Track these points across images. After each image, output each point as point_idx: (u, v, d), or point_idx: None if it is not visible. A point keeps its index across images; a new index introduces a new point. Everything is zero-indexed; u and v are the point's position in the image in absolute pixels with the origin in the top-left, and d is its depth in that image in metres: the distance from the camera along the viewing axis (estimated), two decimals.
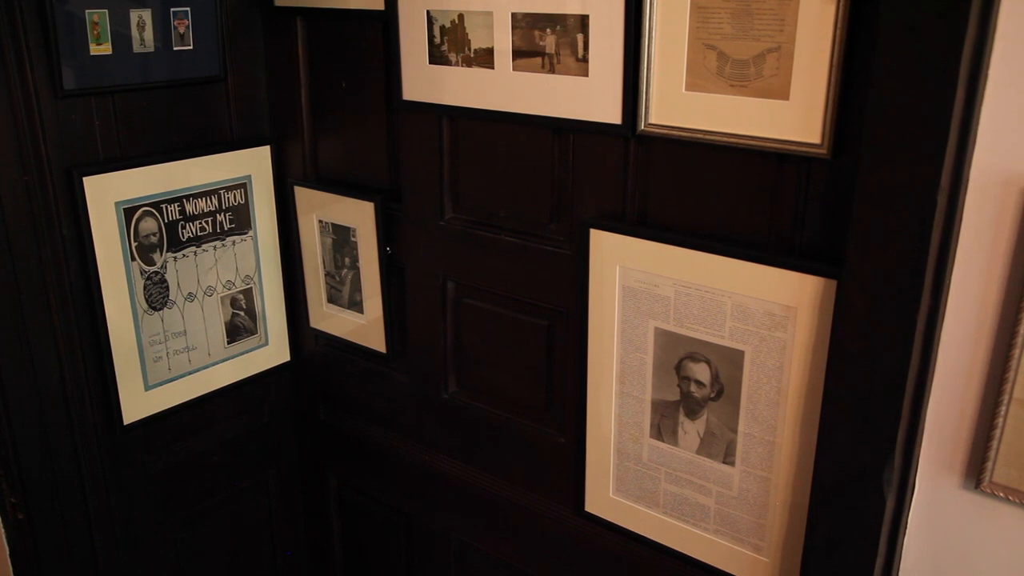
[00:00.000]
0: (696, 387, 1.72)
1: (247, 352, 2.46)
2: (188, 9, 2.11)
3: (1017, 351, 1.31)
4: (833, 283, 1.48)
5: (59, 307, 2.04)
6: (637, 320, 1.76)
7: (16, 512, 2.09)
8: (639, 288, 1.74)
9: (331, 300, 2.42)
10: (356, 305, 2.34)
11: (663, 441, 1.81)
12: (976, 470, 1.40)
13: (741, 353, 1.64)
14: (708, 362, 1.69)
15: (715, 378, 1.69)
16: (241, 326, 2.43)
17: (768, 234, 1.58)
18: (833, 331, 1.47)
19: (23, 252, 1.96)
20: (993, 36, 1.25)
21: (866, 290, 1.37)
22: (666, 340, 1.74)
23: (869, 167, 1.32)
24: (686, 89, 1.58)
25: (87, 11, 1.93)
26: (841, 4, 1.38)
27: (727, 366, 1.67)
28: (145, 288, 2.18)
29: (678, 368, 1.74)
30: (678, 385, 1.75)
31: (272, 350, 2.53)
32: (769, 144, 1.50)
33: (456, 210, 2.06)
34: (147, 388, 2.24)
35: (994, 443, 1.36)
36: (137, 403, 2.22)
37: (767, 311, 1.58)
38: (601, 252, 1.77)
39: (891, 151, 1.29)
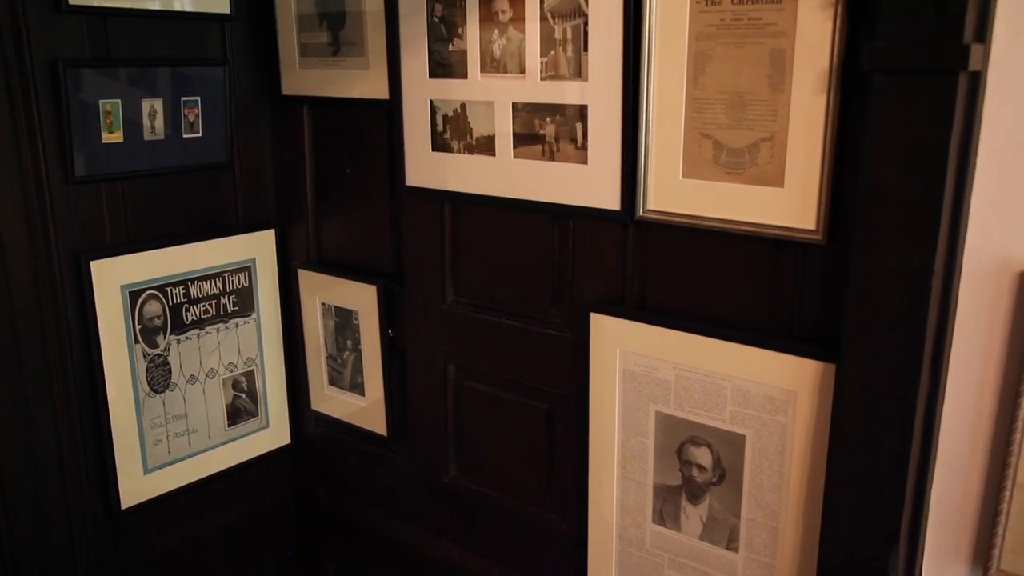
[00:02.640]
0: (698, 471, 1.71)
1: (247, 435, 2.45)
2: (198, 98, 2.17)
3: (1018, 435, 1.31)
4: (832, 367, 1.48)
5: (61, 390, 2.05)
6: (638, 404, 1.76)
7: None
8: (639, 372, 1.75)
9: (332, 382, 2.42)
10: (357, 387, 2.35)
11: (665, 526, 1.79)
12: (983, 557, 1.38)
13: (742, 437, 1.63)
14: (709, 446, 1.69)
15: (717, 462, 1.68)
16: (242, 408, 2.43)
17: (767, 318, 1.60)
18: (833, 415, 1.47)
19: (27, 335, 1.98)
20: (980, 125, 1.28)
21: (865, 374, 1.38)
22: (667, 424, 1.73)
23: (863, 253, 1.34)
24: (683, 176, 1.61)
25: (101, 101, 1.99)
26: (831, 95, 1.42)
27: (728, 450, 1.66)
28: (147, 371, 2.19)
29: (679, 452, 1.73)
30: (680, 469, 1.74)
31: (272, 432, 2.52)
32: (766, 230, 1.53)
33: (457, 293, 2.08)
34: (146, 472, 2.22)
35: (1000, 529, 1.34)
36: (136, 487, 2.21)
37: (767, 395, 1.58)
38: (601, 336, 1.78)
39: (884, 237, 1.31)
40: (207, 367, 2.32)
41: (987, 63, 1.26)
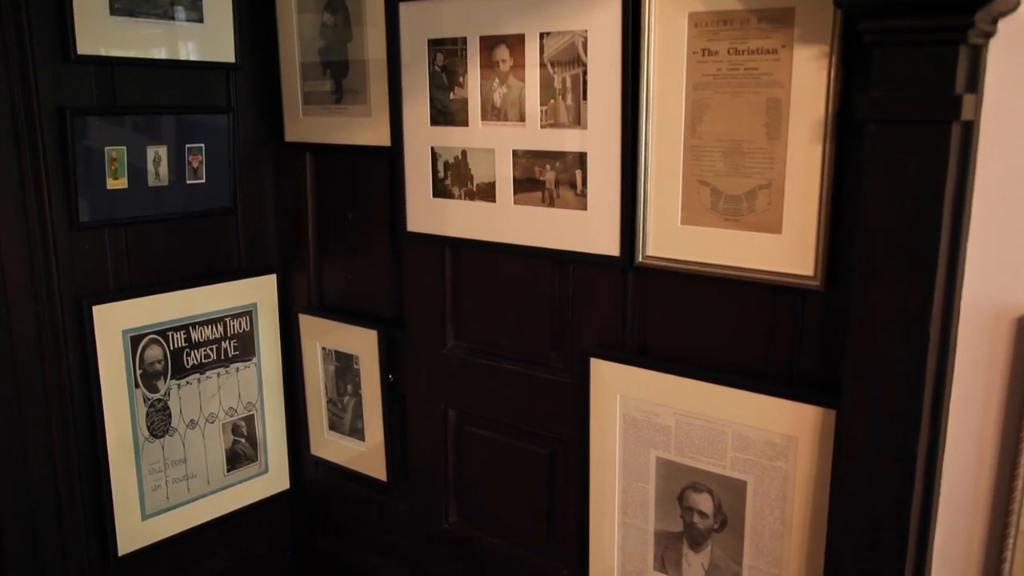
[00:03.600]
0: (699, 518, 1.70)
1: (247, 480, 2.44)
2: (202, 145, 2.20)
3: (1020, 482, 1.31)
4: (832, 413, 1.49)
5: (60, 435, 2.04)
6: (638, 449, 1.76)
7: None
8: (640, 417, 1.75)
9: (332, 427, 2.41)
10: (357, 432, 2.34)
11: (667, 574, 1.77)
12: None
13: (743, 483, 1.63)
14: (711, 492, 1.68)
15: (718, 509, 1.67)
16: (242, 453, 2.42)
17: (766, 363, 1.60)
18: (834, 462, 1.47)
19: (28, 380, 1.98)
20: (974, 173, 1.30)
21: (865, 420, 1.37)
22: (668, 470, 1.73)
23: (861, 299, 1.34)
24: (682, 223, 1.63)
25: (107, 148, 2.01)
26: (827, 143, 1.44)
27: (730, 496, 1.65)
28: (147, 416, 2.18)
29: (680, 498, 1.72)
30: (681, 516, 1.73)
31: (272, 478, 2.50)
32: (764, 276, 1.54)
33: (458, 338, 2.09)
34: (144, 518, 2.21)
35: None
36: (133, 533, 2.19)
37: (768, 441, 1.58)
38: (602, 381, 1.79)
39: (882, 283, 1.32)
40: (207, 412, 2.32)
41: (980, 113, 1.28)
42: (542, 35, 1.74)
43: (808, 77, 1.44)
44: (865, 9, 1.24)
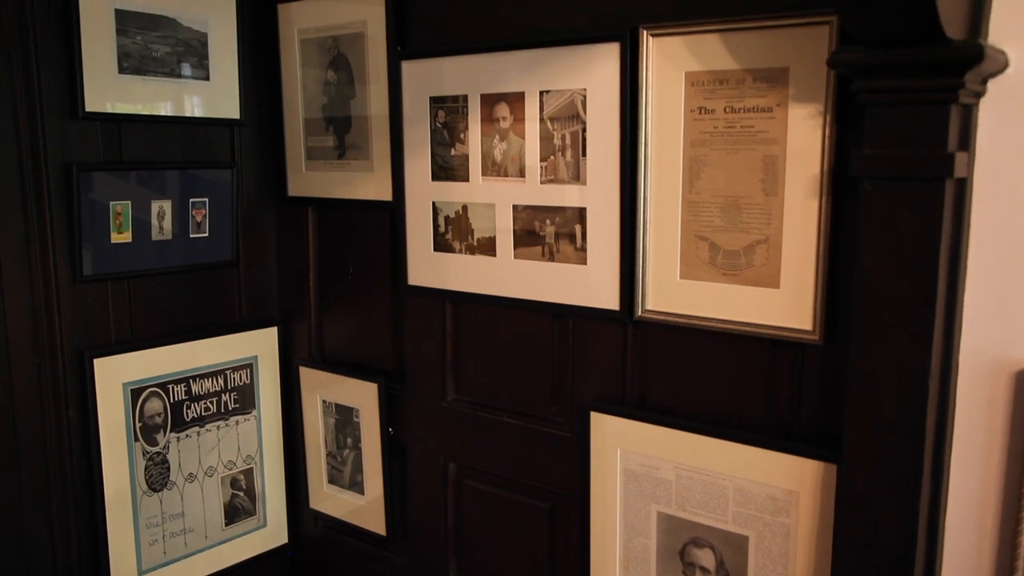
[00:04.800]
0: (701, 574, 1.69)
1: (245, 534, 2.42)
2: (206, 199, 2.22)
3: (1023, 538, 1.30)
4: (833, 467, 1.48)
5: (58, 488, 2.03)
6: (639, 504, 1.75)
7: None
8: (640, 471, 1.74)
9: (332, 480, 2.40)
10: (357, 486, 2.33)
11: None
12: None
13: (745, 539, 1.62)
14: (712, 548, 1.67)
15: (720, 564, 1.66)
16: (240, 507, 2.40)
17: (766, 417, 1.60)
18: (836, 517, 1.46)
19: (27, 432, 1.98)
20: (969, 229, 1.32)
21: (866, 476, 1.37)
22: (669, 524, 1.72)
23: (859, 354, 1.35)
24: (680, 277, 1.64)
25: (112, 202, 2.04)
26: (823, 199, 1.46)
27: (732, 552, 1.64)
28: (146, 469, 2.17)
29: (682, 554, 1.71)
30: (683, 572, 1.71)
31: (270, 532, 2.48)
32: (763, 330, 1.55)
33: (458, 391, 2.09)
34: (140, 573, 2.18)
35: None
36: None
37: (769, 495, 1.58)
38: (602, 435, 1.78)
39: (880, 338, 1.33)
40: (206, 465, 2.31)
41: (972, 170, 1.30)
42: (542, 93, 1.78)
43: (803, 135, 1.47)
44: (857, 70, 1.27)
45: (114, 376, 2.09)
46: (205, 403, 2.29)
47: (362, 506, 2.32)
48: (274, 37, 2.30)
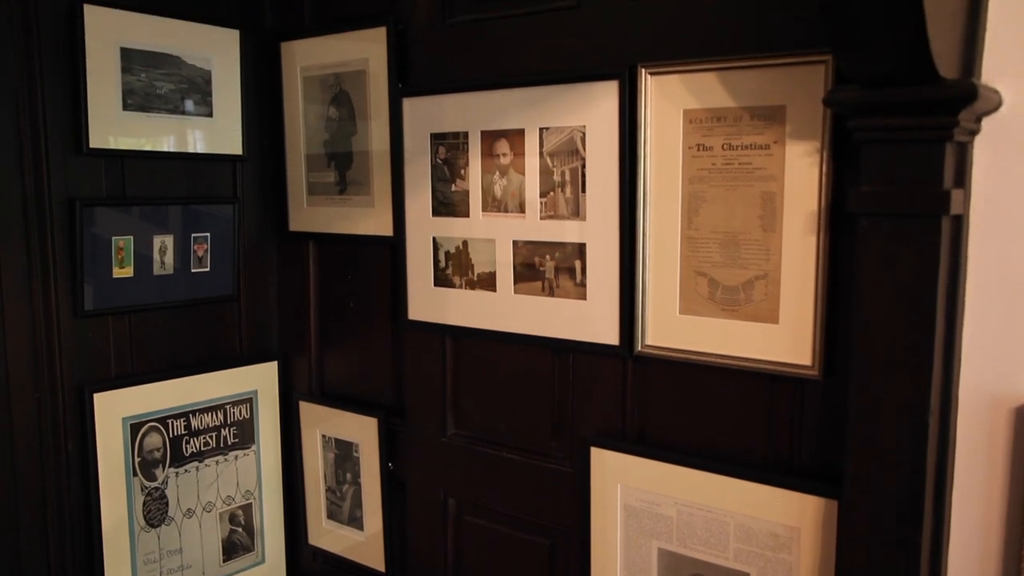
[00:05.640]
0: None
1: (243, 570, 2.40)
2: (208, 234, 2.23)
3: None
4: (834, 503, 1.48)
5: (55, 523, 2.02)
6: (640, 540, 1.74)
7: None
8: (641, 507, 1.73)
9: (331, 516, 2.39)
10: (356, 521, 2.31)
11: None
12: None
13: (746, 575, 1.61)
14: None
15: None
16: (238, 543, 2.39)
17: (767, 453, 1.60)
18: (838, 553, 1.45)
19: (26, 467, 1.97)
20: (966, 264, 1.33)
21: (867, 512, 1.37)
22: (670, 561, 1.71)
23: (859, 390, 1.35)
24: (680, 313, 1.65)
25: (114, 237, 2.05)
26: (821, 235, 1.47)
27: None
28: (144, 504, 2.16)
29: None
30: None
31: (268, 568, 2.46)
32: (762, 366, 1.55)
33: (458, 426, 2.09)
34: None
35: None
36: None
37: (770, 532, 1.57)
38: (602, 470, 1.78)
39: (879, 375, 1.33)
40: (204, 500, 2.30)
41: (968, 206, 1.32)
42: (542, 130, 1.80)
43: (801, 171, 1.48)
44: (853, 108, 1.29)
45: (114, 411, 2.09)
46: (204, 438, 2.28)
47: (361, 542, 2.31)
48: (277, 74, 2.33)
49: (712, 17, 1.57)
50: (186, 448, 2.24)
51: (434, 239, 2.02)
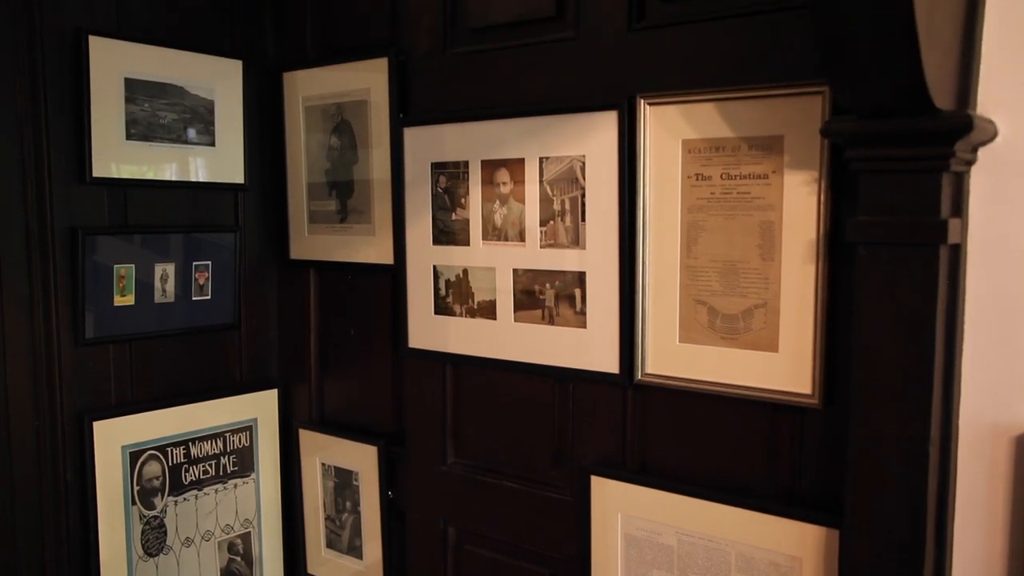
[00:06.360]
0: None
1: None
2: (209, 262, 2.24)
3: None
4: (835, 532, 1.47)
5: (52, 552, 2.01)
6: (641, 570, 1.73)
7: None
8: (641, 537, 1.73)
9: (330, 545, 2.38)
10: (355, 550, 2.30)
11: None
12: None
13: None
14: None
15: None
16: (237, 572, 2.37)
17: (767, 481, 1.60)
18: None
19: (24, 495, 1.96)
20: (964, 293, 1.33)
21: (868, 542, 1.36)
22: None
23: (859, 419, 1.35)
24: (680, 341, 1.65)
25: (116, 265, 2.05)
26: (820, 264, 1.48)
27: None
28: (143, 533, 2.15)
29: None
30: None
31: None
32: (762, 394, 1.55)
33: (458, 455, 2.08)
34: None
35: None
36: None
37: (772, 561, 1.56)
38: (603, 499, 1.77)
39: (879, 403, 1.33)
40: (203, 529, 2.29)
41: (966, 235, 1.32)
42: (542, 159, 1.81)
43: (799, 201, 1.49)
44: (849, 139, 1.30)
45: (113, 439, 2.08)
46: (204, 466, 2.28)
47: (360, 571, 2.29)
48: (279, 104, 2.35)
49: (710, 48, 1.59)
50: (185, 476, 2.24)
51: (435, 267, 2.03)
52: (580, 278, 1.78)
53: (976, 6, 1.29)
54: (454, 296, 2.00)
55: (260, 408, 2.40)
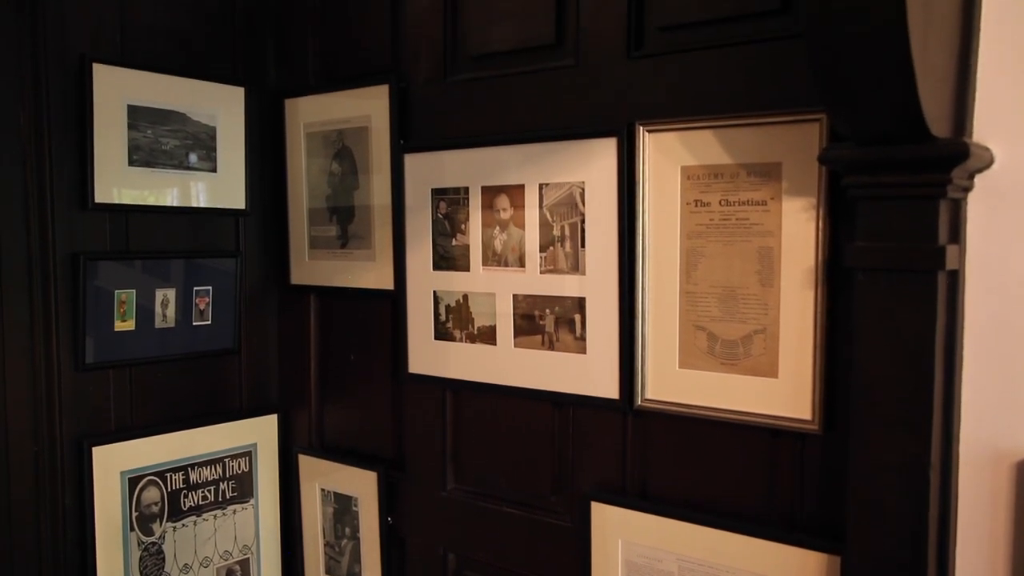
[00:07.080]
0: None
1: None
2: (210, 288, 2.25)
3: None
4: (837, 559, 1.47)
5: None
6: None
7: None
8: (642, 563, 1.72)
9: (329, 571, 2.36)
10: None
11: None
12: None
13: None
14: None
15: None
16: None
17: (768, 507, 1.59)
18: None
19: (22, 521, 1.96)
20: (963, 319, 1.34)
21: (870, 568, 1.36)
22: None
23: (859, 446, 1.35)
24: (679, 367, 1.65)
25: (116, 290, 2.06)
26: (819, 290, 1.48)
27: None
28: (141, 560, 2.14)
29: None
30: None
31: None
32: (762, 420, 1.55)
33: (458, 480, 2.08)
34: None
35: None
36: None
37: None
38: (603, 526, 1.77)
39: (879, 429, 1.33)
40: (201, 556, 2.28)
41: (964, 261, 1.33)
42: (541, 186, 1.82)
43: (797, 227, 1.50)
44: (847, 166, 1.31)
45: (112, 464, 2.08)
46: (203, 491, 2.27)
47: None
48: (280, 130, 2.36)
49: (708, 76, 1.60)
50: (184, 502, 2.23)
51: (435, 293, 2.03)
52: (580, 303, 1.78)
53: (971, 34, 1.30)
54: (454, 321, 2.00)
55: (260, 433, 2.39)
